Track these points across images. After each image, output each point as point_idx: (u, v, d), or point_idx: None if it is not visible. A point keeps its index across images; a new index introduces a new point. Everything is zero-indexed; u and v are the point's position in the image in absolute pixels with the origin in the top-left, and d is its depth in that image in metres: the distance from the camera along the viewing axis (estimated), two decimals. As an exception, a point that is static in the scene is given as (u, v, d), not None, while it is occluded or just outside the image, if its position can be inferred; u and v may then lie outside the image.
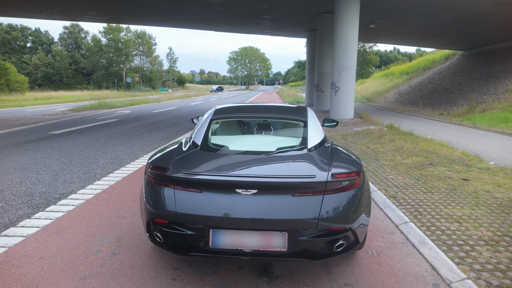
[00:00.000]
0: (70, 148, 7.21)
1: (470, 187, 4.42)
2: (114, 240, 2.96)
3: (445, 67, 25.83)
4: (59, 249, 2.80)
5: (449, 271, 2.48)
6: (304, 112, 3.21)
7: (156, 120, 12.89)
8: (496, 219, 3.36)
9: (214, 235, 2.02)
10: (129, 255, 2.70)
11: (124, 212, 3.61)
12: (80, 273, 2.44)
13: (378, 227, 3.34)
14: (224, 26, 20.78)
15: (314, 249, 2.08)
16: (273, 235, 2.01)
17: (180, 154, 2.42)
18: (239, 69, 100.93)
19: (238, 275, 2.43)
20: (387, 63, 56.59)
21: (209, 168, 2.21)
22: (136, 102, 23.11)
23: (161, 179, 2.19)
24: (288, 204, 2.01)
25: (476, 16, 15.12)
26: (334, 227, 2.06)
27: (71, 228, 3.21)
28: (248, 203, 2.00)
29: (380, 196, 4.13)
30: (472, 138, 9.01)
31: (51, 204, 3.87)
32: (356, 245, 2.31)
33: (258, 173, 2.11)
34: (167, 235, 2.14)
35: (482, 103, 16.19)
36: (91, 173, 5.19)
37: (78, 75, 58.76)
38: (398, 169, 5.39)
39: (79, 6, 15.18)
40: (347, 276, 2.44)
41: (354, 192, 2.19)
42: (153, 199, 2.19)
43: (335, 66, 12.69)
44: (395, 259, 2.71)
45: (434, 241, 2.94)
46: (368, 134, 9.03)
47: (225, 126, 3.22)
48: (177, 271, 2.47)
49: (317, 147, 2.59)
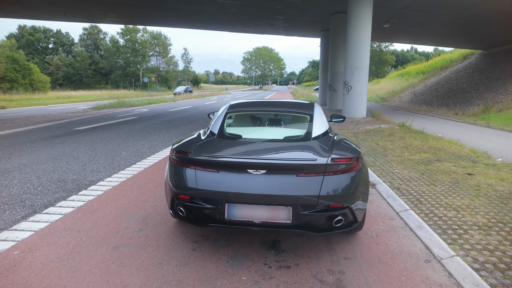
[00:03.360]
0: (94, 142, 7.73)
1: (474, 181, 4.59)
2: (140, 218, 3.35)
3: (462, 66, 25.39)
4: (93, 224, 3.21)
5: (440, 250, 2.73)
6: (311, 107, 3.51)
7: (173, 118, 13.39)
8: (493, 209, 3.56)
9: (229, 208, 2.36)
10: (154, 230, 3.08)
11: (148, 196, 4.00)
12: (113, 243, 2.82)
13: (380, 214, 3.60)
14: (238, 27, 21.18)
15: (315, 223, 2.39)
16: (279, 209, 2.33)
17: (199, 141, 2.77)
18: (253, 69, 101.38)
19: (249, 248, 2.76)
20: (404, 63, 55.70)
21: (225, 152, 2.55)
22: (153, 101, 23.83)
23: (184, 161, 2.54)
24: (293, 183, 2.33)
25: (494, 15, 14.91)
26: (333, 204, 2.35)
27: (101, 209, 3.62)
28: (258, 182, 2.33)
29: (384, 187, 4.37)
30: (484, 136, 9.04)
31: (82, 189, 4.31)
32: (355, 224, 2.59)
33: (267, 156, 2.43)
34: (189, 209, 2.49)
35: (499, 102, 15.95)
36: (116, 164, 5.64)
37: (97, 75, 60.60)
38: (405, 164, 5.59)
39: (101, 9, 15.89)
40: (347, 252, 2.73)
41: (352, 175, 2.48)
42: (177, 179, 2.54)
43: (347, 65, 12.85)
44: (392, 240, 2.98)
45: (431, 225, 3.18)
46: (379, 132, 9.19)
47: (238, 119, 3.56)
48: (196, 244, 2.82)
49: (321, 137, 2.89)
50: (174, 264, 2.50)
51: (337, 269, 2.47)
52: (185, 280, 2.31)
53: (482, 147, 7.30)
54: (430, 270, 2.48)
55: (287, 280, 2.32)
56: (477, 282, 2.25)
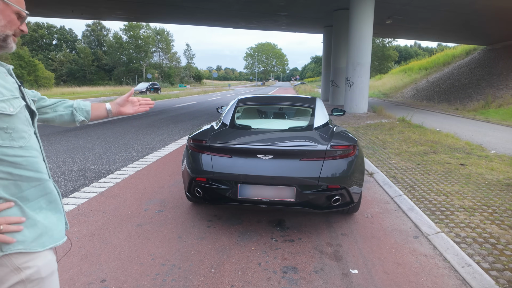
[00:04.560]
0: (106, 136, 8.10)
1: (465, 170, 4.91)
2: (158, 202, 3.71)
3: (465, 62, 25.49)
4: (117, 207, 3.57)
5: (428, 228, 3.06)
6: (313, 101, 3.83)
7: (178, 114, 13.75)
8: (480, 194, 3.88)
9: (241, 188, 2.70)
10: (172, 211, 3.43)
11: (163, 183, 4.36)
12: (136, 222, 3.18)
13: (376, 198, 3.94)
14: (242, 23, 21.43)
15: (316, 201, 2.73)
16: (284, 188, 2.67)
17: (214, 131, 3.12)
18: (256, 65, 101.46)
19: (258, 226, 3.11)
20: (407, 58, 55.62)
21: (237, 140, 2.89)
22: (157, 97, 24.21)
23: (201, 148, 2.89)
24: (296, 166, 2.67)
25: (496, 10, 15.06)
26: (331, 185, 2.69)
27: (122, 194, 3.98)
28: (266, 165, 2.67)
29: (381, 176, 4.70)
30: (481, 130, 9.32)
31: (102, 177, 4.68)
32: (351, 204, 2.93)
33: (274, 143, 2.77)
34: (205, 190, 2.84)
35: (500, 98, 16.15)
36: (129, 156, 6.00)
37: (100, 71, 60.97)
38: (402, 156, 5.91)
39: (107, 7, 16.21)
40: (344, 229, 3.08)
41: (348, 160, 2.81)
42: (194, 164, 2.89)
43: (349, 61, 13.11)
44: (385, 220, 3.32)
45: (421, 208, 3.51)
46: (379, 127, 9.49)
47: (246, 112, 3.90)
48: (210, 222, 3.18)
49: (321, 127, 3.22)
50: (192, 238, 2.86)
51: (335, 243, 2.82)
52: (202, 250, 2.66)
53: (478, 140, 7.59)
54: (418, 244, 2.82)
55: (291, 250, 2.67)
56: (457, 252, 2.58)
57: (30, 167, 1.00)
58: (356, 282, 2.27)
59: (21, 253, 0.97)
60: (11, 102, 0.96)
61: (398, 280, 2.30)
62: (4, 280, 0.96)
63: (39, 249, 1.00)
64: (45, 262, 1.02)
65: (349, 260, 2.55)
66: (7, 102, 0.95)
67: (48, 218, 1.05)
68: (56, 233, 1.07)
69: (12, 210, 0.97)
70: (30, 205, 1.01)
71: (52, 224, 1.06)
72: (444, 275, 2.36)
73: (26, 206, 1.00)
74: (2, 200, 0.95)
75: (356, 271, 2.40)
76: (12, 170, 0.96)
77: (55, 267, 1.08)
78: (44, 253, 1.02)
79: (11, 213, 0.96)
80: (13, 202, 0.97)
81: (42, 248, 1.01)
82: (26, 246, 0.97)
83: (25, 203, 1.00)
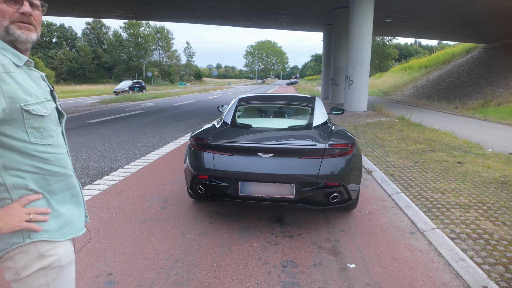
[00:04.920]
0: (108, 134, 8.18)
1: (462, 168, 4.99)
2: (161, 199, 3.79)
3: (465, 60, 25.52)
4: (120, 204, 3.65)
5: (424, 224, 3.15)
6: (313, 100, 3.91)
7: (179, 112, 13.82)
8: (476, 191, 3.96)
9: (242, 186, 2.78)
10: (175, 208, 3.52)
11: (165, 181, 4.44)
12: (140, 218, 3.27)
13: (374, 196, 4.02)
14: (242, 22, 21.45)
15: (315, 198, 2.81)
16: (284, 186, 2.75)
17: (215, 130, 3.19)
18: (256, 63, 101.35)
19: (258, 222, 3.19)
20: (407, 57, 55.55)
21: (238, 139, 2.97)
22: (158, 96, 24.25)
23: (203, 146, 2.96)
24: (296, 164, 2.75)
25: (496, 9, 15.08)
26: (330, 182, 2.77)
27: (125, 191, 4.06)
28: (267, 163, 2.75)
29: (379, 173, 4.78)
30: (479, 129, 9.39)
31: (105, 175, 4.76)
32: (349, 201, 3.01)
33: (274, 142, 2.85)
34: (207, 187, 2.92)
35: (499, 96, 16.21)
36: (131, 154, 6.08)
37: (100, 69, 60.94)
38: (400, 154, 5.99)
39: (108, 5, 16.24)
40: (342, 225, 3.16)
41: (346, 158, 2.89)
42: (196, 162, 2.96)
43: (349, 60, 13.17)
44: (383, 216, 3.40)
45: (418, 205, 3.59)
46: (379, 125, 9.57)
47: (247, 111, 3.97)
48: (212, 218, 3.26)
49: (320, 126, 3.29)
50: (195, 234, 2.94)
51: (334, 238, 2.90)
52: (205, 245, 2.75)
53: (476, 139, 7.67)
54: (414, 240, 2.91)
55: (290, 245, 2.76)
56: (451, 248, 2.67)
57: (57, 163, 1.10)
58: (353, 276, 2.35)
59: (45, 241, 1.06)
60: (44, 104, 1.06)
61: (394, 274, 2.38)
62: (29, 266, 1.04)
63: (61, 238, 1.10)
64: (65, 252, 1.11)
65: (346, 255, 2.64)
66: (41, 104, 1.04)
67: (71, 210, 1.15)
68: (76, 225, 1.17)
69: (39, 202, 1.06)
70: (56, 198, 1.11)
71: (74, 216, 1.16)
72: (438, 269, 2.44)
73: (52, 198, 1.09)
74: (32, 192, 1.04)
75: (353, 265, 2.49)
76: (42, 165, 1.05)
77: (73, 257, 1.17)
78: (65, 242, 1.12)
79: (39, 204, 1.06)
80: (41, 195, 1.06)
81: (64, 238, 1.11)
82: (50, 235, 1.07)
83: (51, 196, 1.09)
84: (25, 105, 0.99)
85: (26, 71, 1.06)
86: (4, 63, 0.97)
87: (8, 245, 1.01)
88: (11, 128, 0.98)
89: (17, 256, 1.03)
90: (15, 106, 0.96)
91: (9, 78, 0.96)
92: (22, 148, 1.00)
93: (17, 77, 0.99)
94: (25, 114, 0.99)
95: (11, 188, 1.01)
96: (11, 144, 0.98)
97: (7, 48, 1.03)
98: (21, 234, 1.02)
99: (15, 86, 0.97)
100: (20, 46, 1.06)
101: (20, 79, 1.00)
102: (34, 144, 1.02)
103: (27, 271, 1.04)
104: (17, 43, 1.05)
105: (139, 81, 30.57)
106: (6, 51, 1.02)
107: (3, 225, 0.97)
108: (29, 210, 1.02)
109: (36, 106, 1.02)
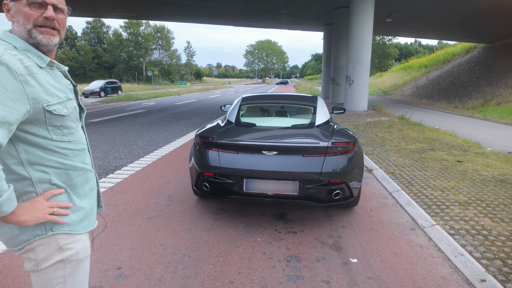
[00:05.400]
0: (110, 133, 8.24)
1: (462, 167, 5.06)
2: (166, 196, 3.86)
3: (465, 60, 25.58)
4: (126, 201, 3.72)
5: (424, 221, 3.22)
6: (315, 99, 3.98)
7: (180, 111, 13.88)
8: (475, 189, 4.04)
9: (246, 183, 2.85)
10: (180, 205, 3.59)
11: (169, 179, 4.52)
12: (146, 215, 3.34)
13: (375, 194, 4.09)
14: (243, 21, 21.51)
15: (318, 195, 2.88)
16: (288, 183, 2.82)
17: (220, 128, 3.26)
18: (256, 62, 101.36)
19: (262, 219, 3.27)
20: (407, 56, 55.56)
21: (243, 137, 3.04)
22: (158, 95, 24.30)
23: (208, 144, 3.03)
24: (299, 162, 2.82)
25: (496, 9, 15.15)
26: (332, 179, 2.84)
27: (130, 189, 4.13)
28: (271, 161, 2.82)
29: (380, 172, 4.85)
30: (479, 128, 9.47)
31: (110, 173, 4.83)
32: (351, 198, 3.08)
33: (278, 140, 2.92)
34: (212, 184, 2.99)
35: (498, 96, 16.28)
36: (135, 152, 6.15)
37: (100, 68, 60.94)
38: (401, 153, 6.06)
39: (109, 5, 16.30)
40: (344, 222, 3.23)
41: (348, 156, 2.96)
42: (202, 159, 3.04)
43: (350, 59, 13.23)
44: (384, 213, 3.47)
45: (418, 202, 3.66)
46: (379, 124, 9.64)
47: (250, 111, 4.04)
48: (217, 215, 3.33)
49: (323, 125, 3.37)
50: (200, 230, 3.01)
51: (336, 234, 2.98)
52: (211, 241, 2.82)
53: (475, 138, 7.74)
54: (414, 236, 2.98)
55: (294, 241, 2.83)
56: (451, 243, 2.74)
57: (76, 159, 1.15)
58: (355, 270, 2.42)
59: (66, 234, 1.12)
60: (65, 104, 1.11)
61: (395, 268, 2.45)
62: (48, 258, 1.09)
63: (81, 231, 1.16)
64: (83, 246, 1.17)
65: (349, 250, 2.71)
66: (62, 104, 1.09)
67: (89, 204, 1.22)
68: (93, 218, 1.24)
69: (61, 196, 1.12)
70: (76, 192, 1.16)
71: (91, 209, 1.23)
72: (438, 264, 2.52)
73: (73, 193, 1.15)
74: (55, 187, 1.10)
75: (355, 260, 2.56)
76: (63, 160, 1.11)
77: (89, 252, 1.23)
78: (84, 236, 1.18)
79: (61, 198, 1.12)
80: (63, 189, 1.12)
81: (84, 231, 1.17)
82: (71, 228, 1.13)
83: (72, 190, 1.15)
84: (47, 105, 1.03)
85: (49, 71, 1.10)
86: (27, 65, 1.00)
87: (31, 236, 1.06)
88: (34, 127, 1.03)
89: (38, 248, 1.08)
90: (38, 107, 1.01)
91: (33, 80, 1.00)
92: (45, 144, 1.05)
93: (40, 78, 1.03)
94: (47, 114, 1.04)
95: (36, 182, 1.06)
96: (34, 141, 1.04)
97: (31, 50, 1.07)
98: (44, 226, 1.07)
99: (38, 88, 1.01)
100: (43, 48, 1.10)
101: (43, 80, 1.04)
102: (55, 141, 1.08)
103: (46, 263, 1.09)
104: (40, 46, 1.09)
105: (114, 81, 26.33)
106: (30, 52, 1.06)
107: (29, 217, 1.01)
108: (52, 204, 1.07)
109: (57, 106, 1.06)
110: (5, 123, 0.92)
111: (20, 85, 0.97)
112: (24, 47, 1.05)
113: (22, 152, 1.03)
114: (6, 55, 0.97)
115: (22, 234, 1.06)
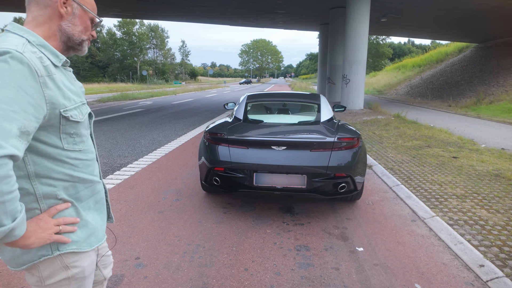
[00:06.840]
0: (112, 132, 8.30)
1: (458, 162, 5.25)
2: (174, 192, 3.97)
3: (457, 59, 26.01)
4: (136, 196, 3.82)
5: (424, 213, 3.38)
6: (318, 97, 4.12)
7: (178, 110, 13.94)
8: (471, 183, 4.22)
9: (256, 177, 2.98)
10: (189, 200, 3.70)
11: (176, 175, 4.62)
12: (157, 209, 3.44)
13: (376, 188, 4.24)
14: (239, 21, 21.60)
15: (324, 188, 3.02)
16: (296, 177, 2.95)
17: (229, 125, 3.39)
18: (251, 61, 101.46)
19: (269, 212, 3.39)
20: (401, 56, 56.10)
21: (252, 133, 3.16)
22: (155, 94, 24.28)
23: (219, 140, 3.15)
24: (307, 156, 2.95)
25: (489, 9, 15.46)
26: (338, 173, 2.98)
27: (139, 185, 4.23)
28: (280, 155, 2.95)
29: (380, 168, 5.01)
30: (472, 126, 9.72)
31: (116, 170, 4.91)
32: (355, 191, 3.22)
33: (287, 136, 3.05)
34: (223, 178, 3.11)
35: (491, 95, 16.63)
36: (138, 150, 6.23)
37: (94, 68, 60.45)
38: (398, 149, 6.24)
39: (106, 4, 16.25)
40: (348, 214, 3.38)
41: (353, 151, 3.11)
42: (212, 155, 3.15)
43: (346, 59, 13.42)
44: (385, 206, 3.62)
45: (418, 196, 3.82)
46: (376, 123, 9.83)
47: (256, 108, 4.16)
48: (226, 209, 3.45)
49: (327, 122, 3.50)
50: (212, 222, 3.13)
51: (341, 226, 3.12)
52: (222, 232, 2.94)
53: (469, 135, 7.97)
54: (415, 226, 3.13)
55: (302, 232, 2.96)
56: (450, 233, 2.90)
57: (85, 170, 1.06)
58: (362, 258, 2.57)
59: (72, 253, 1.02)
60: (80, 109, 1.02)
61: (399, 255, 2.60)
62: (53, 275, 1.01)
63: (88, 248, 1.06)
64: (89, 263, 1.08)
65: (354, 240, 2.85)
66: (77, 109, 1.00)
67: (95, 218, 1.11)
68: (100, 233, 1.12)
69: (68, 211, 1.01)
70: (82, 205, 1.06)
71: (98, 224, 1.12)
72: (439, 252, 2.67)
73: (79, 206, 1.05)
74: (61, 201, 1.00)
75: (361, 248, 2.70)
76: (73, 172, 1.01)
77: (94, 267, 1.14)
78: (90, 253, 1.08)
79: (67, 213, 1.01)
80: (70, 203, 1.02)
81: (90, 248, 1.06)
82: (78, 246, 1.03)
83: (78, 203, 1.05)
84: (64, 111, 0.94)
85: (63, 71, 1.00)
86: (46, 64, 0.91)
87: (36, 257, 0.97)
88: (46, 134, 0.93)
89: (41, 265, 0.99)
90: (55, 112, 0.92)
91: (51, 82, 0.90)
92: (55, 155, 0.96)
93: (57, 79, 0.94)
94: (62, 120, 0.95)
95: (40, 198, 0.95)
96: (45, 151, 0.94)
97: (46, 46, 0.95)
98: (50, 246, 0.98)
99: (56, 91, 0.92)
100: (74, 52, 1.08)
101: (60, 81, 0.95)
102: (66, 151, 0.98)
103: (51, 280, 1.02)
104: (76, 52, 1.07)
105: None
106: (45, 49, 0.95)
107: (35, 239, 0.90)
108: (58, 221, 0.97)
109: (73, 111, 0.98)
110: (25, 133, 0.82)
111: (40, 88, 0.87)
112: (39, 42, 0.94)
113: (30, 164, 0.92)
114: (27, 53, 0.86)
115: (26, 254, 0.96)
